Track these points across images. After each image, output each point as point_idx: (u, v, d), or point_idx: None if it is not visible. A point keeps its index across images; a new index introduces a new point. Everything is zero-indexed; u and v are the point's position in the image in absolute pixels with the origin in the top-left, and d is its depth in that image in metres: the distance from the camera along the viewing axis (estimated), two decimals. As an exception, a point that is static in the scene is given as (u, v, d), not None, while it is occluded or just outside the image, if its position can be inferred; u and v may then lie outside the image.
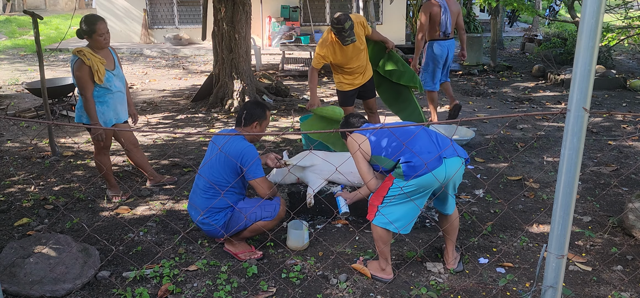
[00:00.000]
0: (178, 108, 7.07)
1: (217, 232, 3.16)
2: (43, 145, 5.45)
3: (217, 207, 3.10)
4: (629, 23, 8.73)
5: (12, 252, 2.92)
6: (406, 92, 4.93)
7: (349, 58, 4.49)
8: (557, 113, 1.71)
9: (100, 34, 3.73)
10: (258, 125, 3.19)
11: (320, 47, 4.45)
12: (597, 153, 5.20)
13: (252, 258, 3.18)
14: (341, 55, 4.45)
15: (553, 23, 15.24)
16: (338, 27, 4.18)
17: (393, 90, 5.02)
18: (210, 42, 7.41)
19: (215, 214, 3.11)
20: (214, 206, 3.09)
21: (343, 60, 4.49)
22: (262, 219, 3.14)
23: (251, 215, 3.12)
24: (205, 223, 3.14)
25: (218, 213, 3.12)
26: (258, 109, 3.20)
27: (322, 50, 4.42)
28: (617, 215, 3.75)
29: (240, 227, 3.14)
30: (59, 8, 21.47)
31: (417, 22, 5.86)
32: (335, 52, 4.42)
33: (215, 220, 3.10)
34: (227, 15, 6.69)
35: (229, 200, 3.11)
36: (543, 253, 1.75)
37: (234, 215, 3.13)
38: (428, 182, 2.71)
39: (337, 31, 4.21)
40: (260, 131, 3.19)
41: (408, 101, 4.96)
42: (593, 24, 1.46)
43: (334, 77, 4.79)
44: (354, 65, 4.57)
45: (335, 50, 4.41)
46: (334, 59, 4.47)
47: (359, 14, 4.57)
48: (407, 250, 3.33)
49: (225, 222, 3.13)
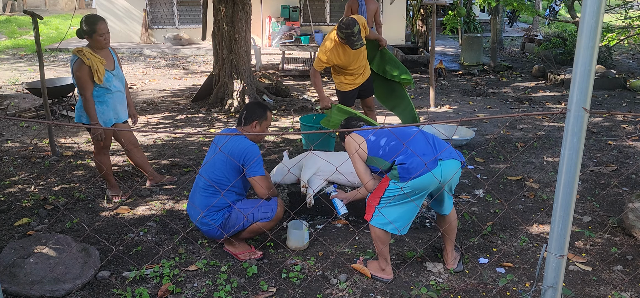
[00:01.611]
0: (178, 108, 7.07)
1: (215, 231, 3.15)
2: (43, 145, 5.45)
3: (217, 206, 3.10)
4: (629, 23, 8.74)
5: (12, 252, 2.92)
6: (399, 89, 4.99)
7: (352, 60, 4.50)
8: (557, 113, 1.71)
9: (101, 33, 3.73)
10: (258, 125, 3.18)
11: (322, 53, 4.44)
12: (597, 153, 5.20)
13: (252, 258, 3.18)
14: (345, 58, 4.46)
15: (553, 23, 15.25)
16: (347, 31, 4.16)
17: (387, 87, 5.08)
18: (210, 42, 7.41)
19: (214, 213, 3.11)
20: (214, 205, 3.09)
21: (346, 62, 4.50)
22: (260, 220, 3.13)
23: (249, 216, 3.12)
24: (204, 222, 3.13)
25: (217, 212, 3.12)
26: (258, 109, 3.20)
27: (324, 56, 4.42)
28: (617, 215, 3.75)
29: (239, 228, 3.14)
30: (59, 8, 21.47)
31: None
32: (340, 56, 4.43)
33: (213, 220, 3.10)
34: (227, 15, 6.69)
35: (228, 200, 3.11)
36: (543, 253, 1.75)
37: (231, 215, 3.13)
38: (423, 184, 2.71)
39: (346, 36, 4.19)
40: (261, 131, 3.19)
41: (401, 97, 5.00)
42: (593, 24, 1.46)
43: (334, 78, 4.80)
44: (356, 66, 4.58)
45: (340, 53, 4.42)
46: (338, 62, 4.47)
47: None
48: (407, 250, 3.33)
49: (223, 221, 3.13)
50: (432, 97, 7.23)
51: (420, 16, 11.67)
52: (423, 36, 11.68)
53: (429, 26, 11.63)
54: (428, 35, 11.63)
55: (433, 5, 7.50)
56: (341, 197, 3.38)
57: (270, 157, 5.04)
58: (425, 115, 6.78)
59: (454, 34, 14.65)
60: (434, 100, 7.24)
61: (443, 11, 15.01)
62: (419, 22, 11.73)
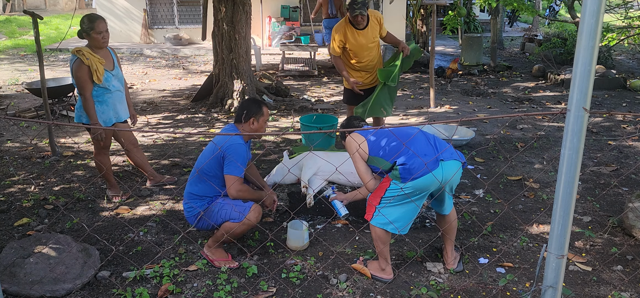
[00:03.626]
0: (178, 108, 7.07)
1: (192, 220, 3.17)
2: (43, 145, 5.45)
3: (197, 194, 3.12)
4: (629, 23, 8.74)
5: (12, 252, 2.92)
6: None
7: (359, 45, 4.50)
8: (557, 113, 1.71)
9: (99, 31, 3.73)
10: (255, 121, 3.15)
11: (334, 31, 4.56)
12: (597, 153, 5.20)
13: (230, 266, 3.12)
14: (352, 39, 4.49)
15: (553, 23, 15.24)
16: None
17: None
18: (210, 42, 7.41)
19: (195, 200, 3.13)
20: (194, 192, 3.12)
21: (354, 46, 4.51)
22: (230, 219, 3.03)
23: (221, 211, 3.06)
24: (186, 207, 3.18)
25: (197, 200, 3.12)
26: (254, 105, 3.18)
27: (336, 34, 4.53)
28: (617, 215, 3.75)
29: (212, 221, 3.08)
30: (59, 8, 21.47)
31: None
32: (347, 36, 4.49)
33: (194, 206, 3.12)
34: (227, 15, 6.69)
35: (209, 190, 3.10)
36: (543, 253, 1.75)
37: (210, 208, 3.11)
38: (424, 184, 2.71)
39: (349, 3, 4.31)
40: (258, 127, 3.17)
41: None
42: (593, 24, 1.46)
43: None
44: (365, 59, 4.57)
45: (347, 33, 4.48)
46: (347, 43, 4.51)
47: (377, 11, 4.59)
48: (407, 250, 3.33)
49: (198, 213, 3.11)
50: (432, 97, 7.23)
51: (420, 16, 11.67)
52: (423, 36, 11.68)
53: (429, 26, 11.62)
54: (428, 35, 11.63)
55: (433, 5, 7.50)
56: (340, 198, 3.38)
57: (270, 157, 5.04)
58: (425, 115, 6.78)
59: (454, 34, 14.65)
60: (434, 100, 7.24)
61: (443, 11, 15.01)
62: (419, 22, 11.73)
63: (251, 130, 3.15)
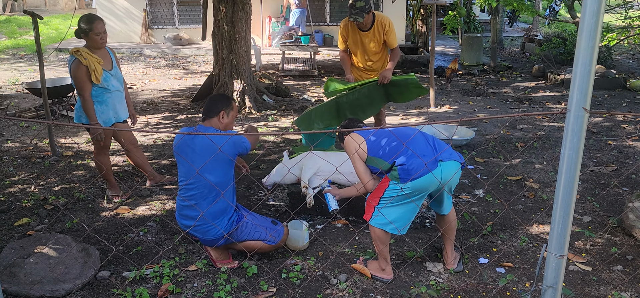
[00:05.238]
0: (178, 108, 7.07)
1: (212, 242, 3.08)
2: (43, 145, 5.45)
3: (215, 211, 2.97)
4: (629, 23, 8.74)
5: (12, 252, 2.92)
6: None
7: (359, 46, 4.55)
8: (557, 113, 1.71)
9: (97, 32, 3.73)
10: (225, 115, 3.09)
11: (340, 25, 4.66)
12: (597, 153, 5.20)
13: (230, 266, 3.11)
14: (353, 38, 4.55)
15: (553, 23, 15.25)
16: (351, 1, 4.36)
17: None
18: (210, 42, 7.41)
19: (216, 217, 2.99)
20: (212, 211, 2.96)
21: (354, 45, 4.57)
22: (266, 241, 3.11)
23: (254, 233, 3.07)
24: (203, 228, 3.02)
25: (219, 217, 3.00)
26: (223, 99, 3.15)
27: (341, 29, 4.63)
28: (617, 215, 3.75)
29: (241, 239, 3.06)
30: (59, 8, 21.46)
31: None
32: (348, 33, 4.58)
33: (210, 228, 3.00)
34: (227, 15, 6.69)
35: (220, 202, 2.97)
36: (543, 253, 1.75)
37: (238, 229, 3.05)
38: (423, 185, 2.71)
39: (350, 5, 4.38)
40: (229, 122, 3.12)
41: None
42: (593, 24, 1.46)
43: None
44: (366, 62, 4.60)
45: (349, 31, 4.57)
46: (348, 41, 4.60)
47: (386, 16, 4.54)
48: (407, 250, 3.33)
49: (228, 227, 3.02)
50: (432, 97, 7.23)
51: (420, 16, 11.67)
52: (423, 36, 11.69)
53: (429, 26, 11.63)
54: (428, 35, 11.63)
55: (433, 5, 7.51)
56: (334, 192, 3.37)
57: (270, 157, 5.04)
58: (425, 115, 6.78)
59: (454, 34, 14.65)
60: (434, 100, 7.24)
61: (443, 11, 15.01)
62: (419, 22, 11.74)
63: (222, 124, 3.09)
